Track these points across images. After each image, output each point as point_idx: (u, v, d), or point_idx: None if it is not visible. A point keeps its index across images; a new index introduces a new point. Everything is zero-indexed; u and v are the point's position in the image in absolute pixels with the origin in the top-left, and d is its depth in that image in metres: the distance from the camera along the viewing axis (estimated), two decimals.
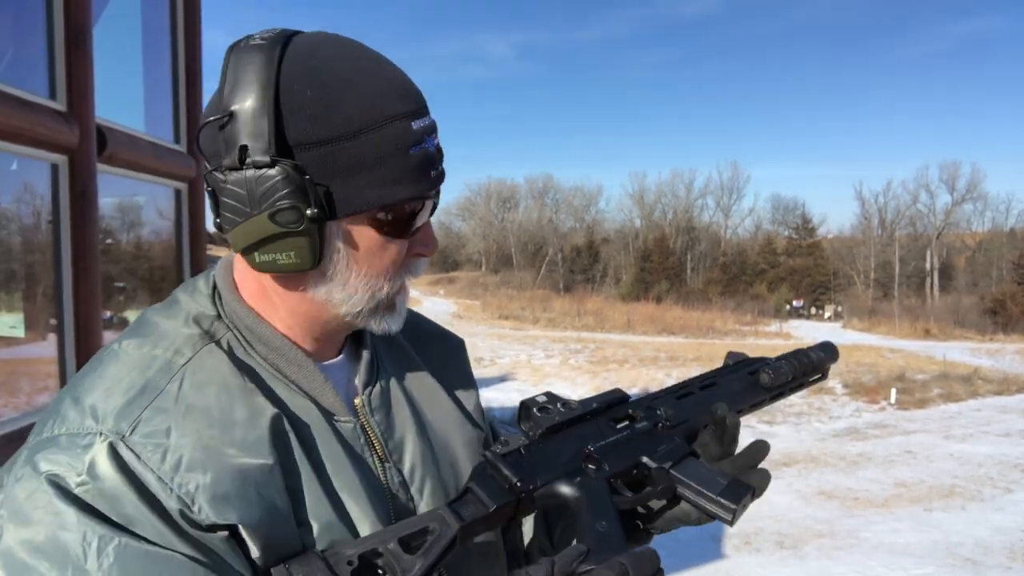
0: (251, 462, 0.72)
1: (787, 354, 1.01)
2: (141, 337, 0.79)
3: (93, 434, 0.70)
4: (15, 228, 3.70)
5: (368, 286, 0.80)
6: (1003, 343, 28.67)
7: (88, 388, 0.74)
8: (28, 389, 3.73)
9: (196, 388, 0.74)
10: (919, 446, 10.58)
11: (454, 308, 40.04)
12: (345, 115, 0.73)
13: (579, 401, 0.84)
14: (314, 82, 0.73)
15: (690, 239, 60.65)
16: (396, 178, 0.75)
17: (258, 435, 0.74)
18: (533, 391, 10.52)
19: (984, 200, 58.71)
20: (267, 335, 0.82)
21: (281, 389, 0.80)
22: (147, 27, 4.98)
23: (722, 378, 0.96)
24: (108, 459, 0.68)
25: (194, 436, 0.71)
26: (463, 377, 1.04)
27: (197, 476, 0.69)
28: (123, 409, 0.71)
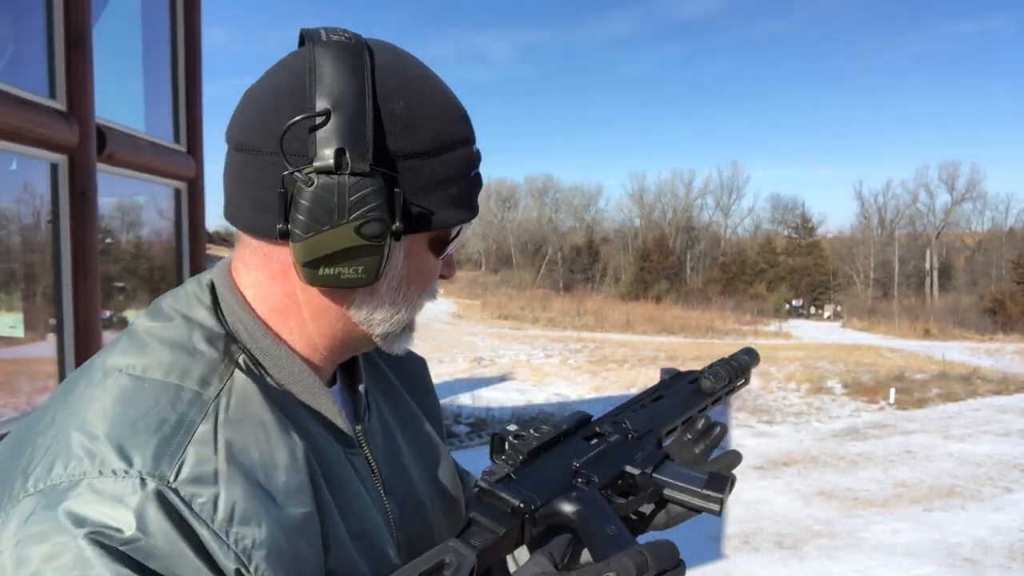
0: (297, 511, 0.66)
1: (718, 361, 1.07)
2: (146, 358, 0.69)
3: (132, 478, 0.59)
4: (15, 228, 3.70)
5: (412, 306, 0.78)
6: (1002, 343, 28.68)
7: (102, 421, 0.63)
8: (28, 389, 3.73)
9: (233, 426, 0.66)
10: (918, 446, 10.59)
11: (454, 308, 40.02)
12: (433, 131, 0.72)
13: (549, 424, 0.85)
14: (406, 93, 0.71)
15: (690, 239, 60.65)
16: (461, 199, 0.75)
17: (300, 480, 0.68)
18: (533, 391, 10.57)
19: (983, 200, 58.78)
20: (283, 358, 0.75)
21: (306, 419, 0.74)
22: (147, 27, 4.98)
23: (666, 390, 1.01)
24: (158, 509, 0.58)
25: (243, 482, 0.63)
26: (434, 401, 1.03)
27: (253, 530, 0.61)
28: (160, 448, 0.61)
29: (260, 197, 0.70)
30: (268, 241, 0.73)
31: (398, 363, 0.99)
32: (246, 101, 0.73)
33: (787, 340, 28.58)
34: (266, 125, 0.69)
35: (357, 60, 0.68)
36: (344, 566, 0.70)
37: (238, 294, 0.76)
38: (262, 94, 0.72)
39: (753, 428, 11.68)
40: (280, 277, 0.74)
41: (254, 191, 0.71)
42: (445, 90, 0.76)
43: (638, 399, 0.99)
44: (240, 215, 0.73)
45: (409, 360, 1.02)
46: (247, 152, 0.71)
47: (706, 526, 7.07)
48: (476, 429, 10.80)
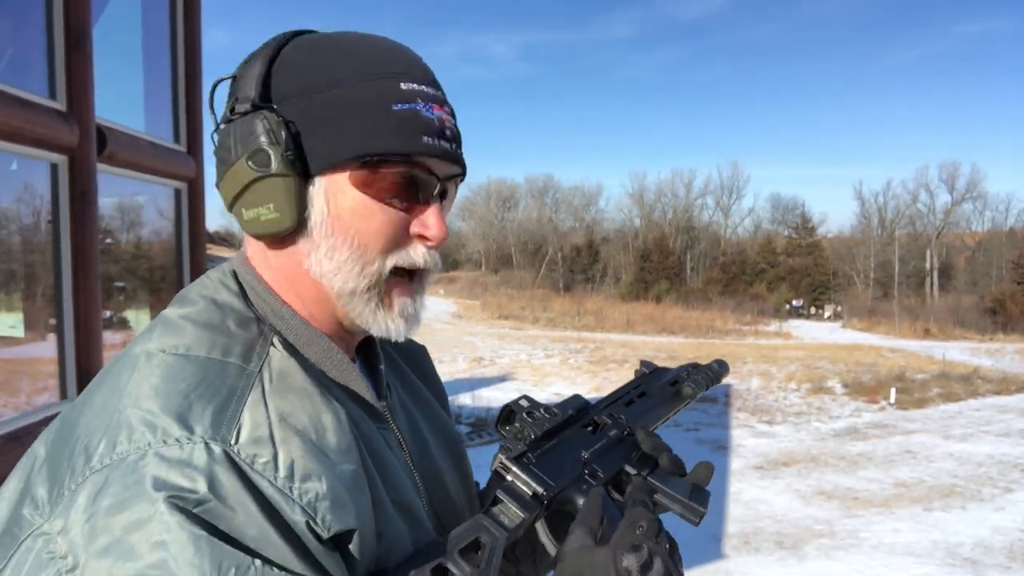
0: (350, 467, 0.68)
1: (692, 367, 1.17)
2: (185, 339, 0.71)
3: (197, 443, 0.61)
4: (15, 228, 3.70)
5: (356, 257, 0.75)
6: (1003, 343, 28.67)
7: (156, 397, 0.64)
8: (28, 389, 3.73)
9: (279, 395, 0.68)
10: (919, 446, 10.59)
11: (454, 308, 40.02)
12: (327, 71, 0.75)
13: (555, 406, 0.91)
14: (310, 49, 0.77)
15: (690, 239, 60.65)
16: (374, 132, 0.73)
17: (348, 441, 0.70)
18: (533, 391, 10.56)
19: (984, 200, 58.77)
20: (311, 336, 0.78)
21: (339, 395, 0.76)
22: (147, 27, 4.98)
23: (649, 386, 1.09)
24: (228, 470, 0.60)
25: (297, 443, 0.65)
26: (437, 384, 1.05)
27: (314, 484, 0.63)
28: (218, 416, 0.64)
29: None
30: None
31: (405, 351, 1.01)
32: None
33: (787, 340, 28.57)
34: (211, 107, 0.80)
35: (279, 37, 0.79)
36: (391, 528, 0.73)
37: (259, 277, 0.80)
38: None
39: (753, 428, 11.68)
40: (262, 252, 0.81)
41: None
42: (375, 41, 0.79)
43: (624, 391, 1.06)
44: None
45: (415, 350, 1.05)
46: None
47: (706, 526, 7.06)
48: (476, 429, 10.80)
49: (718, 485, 8.33)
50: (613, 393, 1.05)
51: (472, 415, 11.47)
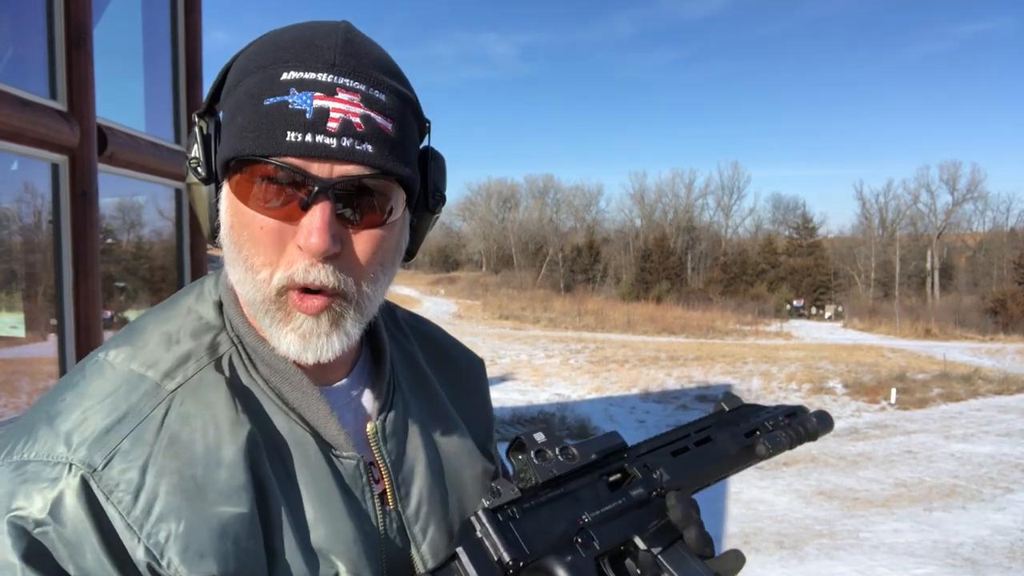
0: (231, 511, 0.64)
1: (786, 420, 0.97)
2: (130, 347, 0.71)
3: (63, 464, 0.62)
4: (16, 228, 3.71)
5: (247, 265, 0.68)
6: (1004, 343, 28.65)
7: (66, 407, 0.66)
8: (28, 389, 3.73)
9: (183, 419, 0.66)
10: (919, 446, 10.58)
11: (455, 308, 40.01)
12: (240, 69, 0.70)
13: (577, 445, 0.79)
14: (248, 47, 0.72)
15: (690, 239, 60.60)
16: (240, 132, 0.66)
17: (243, 479, 0.66)
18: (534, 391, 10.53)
19: (985, 200, 58.65)
20: (269, 355, 0.73)
21: (280, 419, 0.72)
22: (147, 27, 4.99)
23: (718, 431, 0.92)
24: (77, 496, 0.61)
25: (173, 477, 0.63)
26: (480, 402, 0.96)
27: (170, 524, 0.62)
28: (100, 437, 0.63)
29: None
30: None
31: (441, 360, 0.94)
32: None
33: (788, 340, 28.56)
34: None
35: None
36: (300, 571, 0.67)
37: (231, 290, 0.76)
38: None
39: None
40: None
41: None
42: (290, 28, 0.71)
43: (685, 431, 0.90)
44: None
45: (463, 359, 0.98)
46: None
47: (707, 526, 7.06)
48: None
49: (718, 485, 8.32)
50: (668, 433, 0.89)
51: None
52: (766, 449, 0.91)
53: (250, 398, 0.71)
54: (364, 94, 0.66)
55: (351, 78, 0.66)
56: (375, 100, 0.67)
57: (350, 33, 0.70)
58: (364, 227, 0.68)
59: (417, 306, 38.00)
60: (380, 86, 0.68)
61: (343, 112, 0.64)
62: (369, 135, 0.65)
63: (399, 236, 0.74)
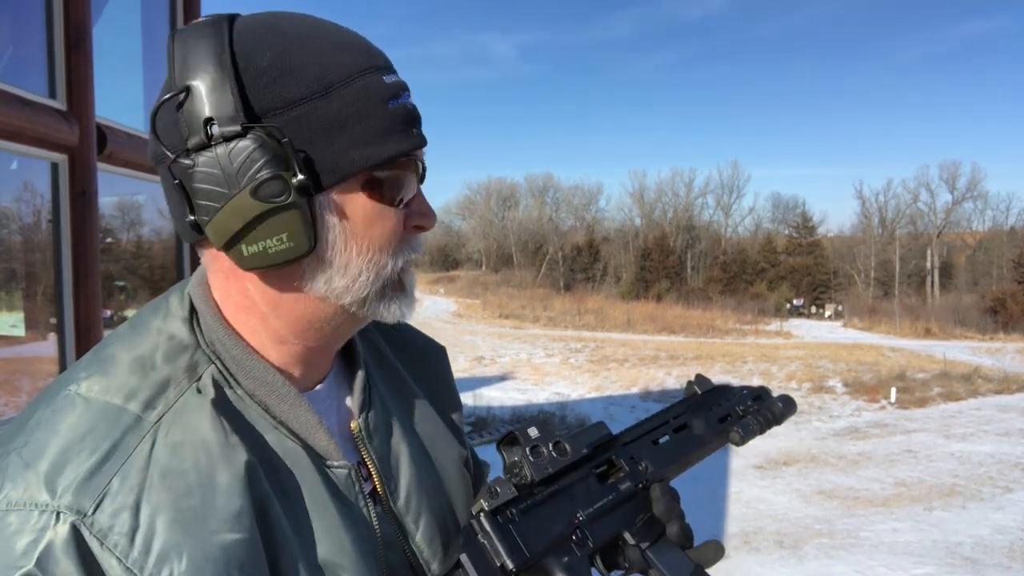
0: (233, 537, 0.62)
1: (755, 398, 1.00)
2: (103, 377, 0.66)
3: (49, 512, 0.58)
4: (15, 227, 3.70)
5: (372, 264, 0.70)
6: (1003, 342, 28.67)
7: (41, 448, 0.61)
8: (28, 388, 3.73)
9: (171, 450, 0.63)
10: (919, 445, 10.58)
11: (454, 307, 40.01)
12: (311, 73, 0.66)
13: (568, 439, 0.80)
14: (272, 44, 0.66)
15: (690, 238, 60.62)
16: (380, 134, 0.67)
17: (241, 503, 0.63)
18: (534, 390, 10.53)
19: (984, 199, 58.84)
20: (255, 368, 0.71)
21: (270, 435, 0.70)
22: (147, 27, 4.98)
23: (694, 417, 0.94)
24: (67, 548, 0.57)
25: (169, 511, 0.60)
26: (447, 389, 0.97)
27: (172, 563, 0.59)
28: (85, 481, 0.59)
29: (173, 202, 0.68)
30: (205, 244, 0.71)
31: (407, 352, 0.94)
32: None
33: (788, 339, 28.57)
34: (153, 131, 0.67)
35: (211, 31, 0.64)
36: None
37: (212, 303, 0.73)
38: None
39: None
40: (232, 276, 0.71)
41: (171, 199, 0.68)
42: (331, 29, 0.70)
43: (662, 419, 0.93)
44: (178, 228, 0.71)
45: (427, 349, 0.98)
46: (156, 166, 0.69)
47: (706, 526, 7.06)
48: (477, 428, 10.81)
49: (719, 485, 8.33)
50: (648, 421, 0.91)
51: (472, 414, 11.47)
52: (739, 436, 0.94)
53: (237, 417, 0.69)
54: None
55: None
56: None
57: None
58: None
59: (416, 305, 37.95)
60: None
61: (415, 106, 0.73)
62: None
63: None
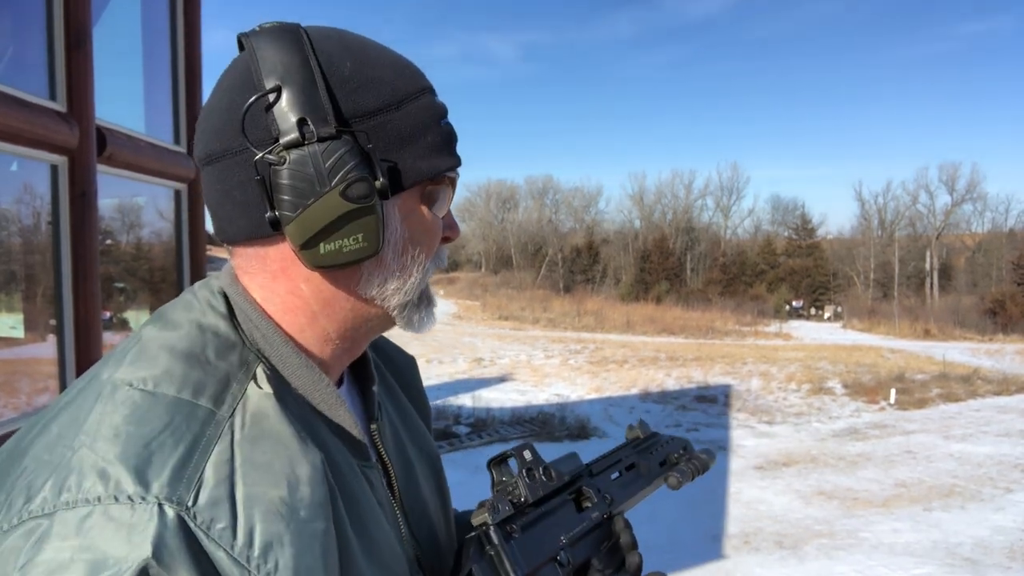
0: (323, 526, 0.62)
1: (684, 448, 1.10)
2: (163, 374, 0.64)
3: (149, 503, 0.55)
4: (15, 229, 3.71)
5: (422, 268, 0.75)
6: (1003, 343, 28.67)
7: (115, 441, 0.58)
8: (28, 390, 3.73)
9: (252, 443, 0.62)
10: (919, 446, 10.59)
11: (454, 308, 40.01)
12: (388, 85, 0.71)
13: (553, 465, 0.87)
14: (350, 55, 0.70)
15: (690, 240, 60.63)
16: (437, 149, 0.73)
17: (322, 494, 0.64)
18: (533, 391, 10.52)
19: (984, 201, 58.83)
20: (302, 367, 0.72)
21: (322, 431, 0.71)
22: (147, 27, 4.99)
23: (641, 459, 1.03)
24: (177, 538, 0.55)
25: (263, 501, 0.59)
26: (422, 398, 1.01)
27: (276, 553, 0.58)
28: (178, 472, 0.58)
29: (242, 198, 0.69)
30: (262, 242, 0.71)
31: (391, 362, 0.98)
32: (202, 116, 0.72)
33: (787, 341, 28.57)
34: (226, 126, 0.68)
35: (294, 36, 0.68)
36: None
37: (251, 300, 0.73)
38: (215, 101, 0.71)
39: (753, 428, 11.68)
40: (281, 275, 0.72)
41: (236, 195, 0.69)
42: (388, 49, 0.76)
43: (615, 459, 1.01)
44: (230, 227, 0.71)
45: (400, 358, 1.01)
46: (217, 161, 0.70)
47: (706, 526, 7.07)
48: (476, 430, 10.80)
49: (718, 485, 8.34)
50: (606, 457, 1.00)
51: (472, 416, 11.47)
52: (676, 480, 1.01)
53: (298, 412, 0.69)
54: None
55: None
56: None
57: None
58: None
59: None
60: None
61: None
62: None
63: None
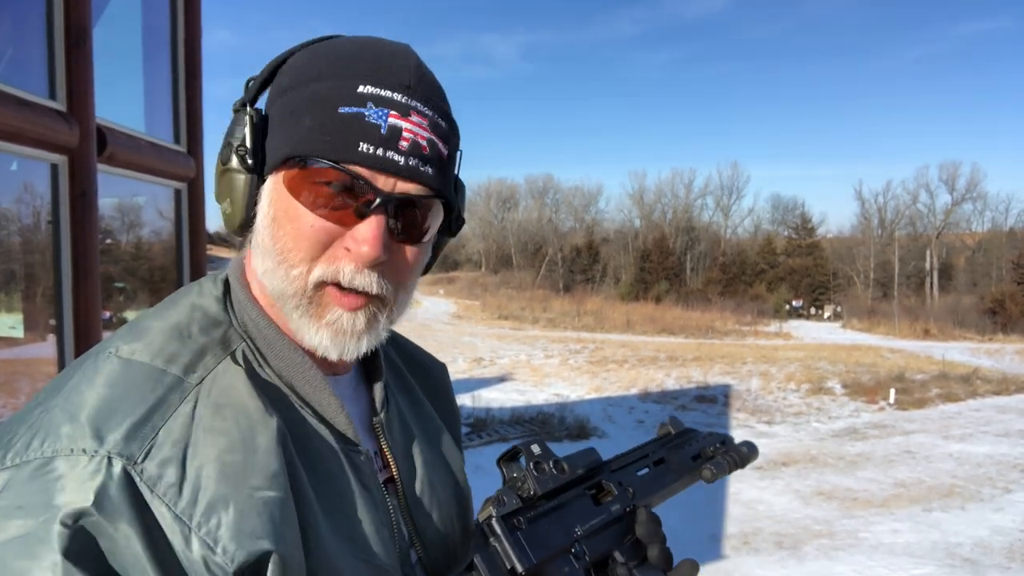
0: (273, 495, 0.64)
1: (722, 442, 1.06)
2: (142, 343, 0.69)
3: (100, 456, 0.60)
4: (15, 228, 3.70)
5: (281, 258, 0.71)
6: (1002, 343, 28.67)
7: (85, 401, 0.64)
8: (28, 389, 3.73)
9: (214, 410, 0.66)
10: (918, 446, 10.59)
11: (454, 308, 40.00)
12: (306, 70, 0.73)
13: (565, 460, 0.85)
14: (313, 50, 0.75)
15: (690, 239, 60.62)
16: (311, 133, 0.69)
17: (278, 466, 0.66)
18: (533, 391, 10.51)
19: (984, 200, 58.72)
20: (284, 348, 0.75)
21: (295, 413, 0.73)
22: (147, 27, 4.99)
23: (671, 454, 1.00)
24: (120, 488, 0.59)
25: (215, 465, 0.63)
26: (450, 404, 1.02)
27: (220, 513, 0.61)
28: (133, 431, 0.62)
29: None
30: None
31: (421, 368, 1.00)
32: None
33: (787, 340, 28.57)
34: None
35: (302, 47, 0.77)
36: (324, 565, 0.67)
37: (245, 284, 0.78)
38: None
39: (753, 428, 11.68)
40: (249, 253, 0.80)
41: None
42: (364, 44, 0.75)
43: (643, 453, 0.98)
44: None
45: (431, 366, 1.03)
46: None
47: (706, 526, 7.07)
48: (476, 429, 10.80)
49: (718, 485, 8.34)
50: (630, 452, 0.97)
51: (471, 415, 11.47)
52: (711, 473, 0.99)
53: (270, 390, 0.72)
54: (431, 120, 0.72)
55: (422, 103, 0.72)
56: (439, 127, 0.73)
57: (419, 59, 0.76)
58: (406, 241, 0.74)
59: (416, 306, 38.00)
60: (442, 114, 0.74)
61: (413, 134, 0.70)
62: (432, 159, 0.72)
63: (427, 252, 0.80)
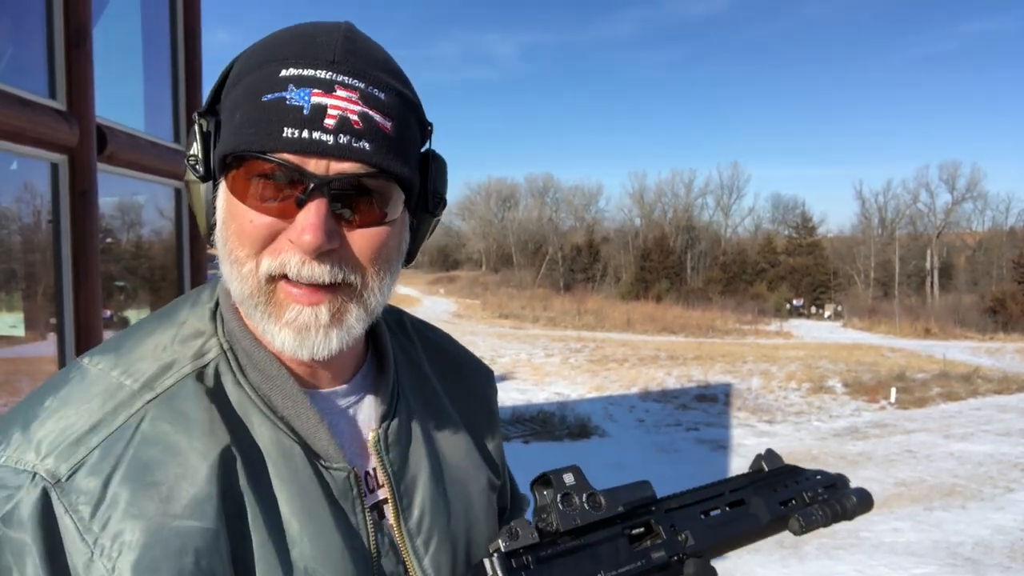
0: (195, 525, 0.62)
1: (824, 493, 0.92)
2: (115, 355, 0.70)
3: (28, 472, 0.62)
4: (15, 228, 3.70)
5: (232, 258, 0.69)
6: (1003, 342, 28.65)
7: (43, 412, 0.66)
8: (28, 389, 3.72)
9: (154, 431, 0.65)
10: (919, 445, 10.58)
11: (454, 307, 40.00)
12: (237, 70, 0.70)
13: (604, 493, 0.75)
14: (247, 49, 0.72)
15: (690, 238, 60.59)
16: (237, 128, 0.66)
17: (210, 492, 0.64)
18: (533, 390, 10.49)
19: (984, 199, 58.74)
20: (262, 361, 0.72)
21: (266, 429, 0.70)
22: (147, 27, 4.98)
23: (754, 494, 0.87)
24: (33, 510, 0.61)
25: (135, 489, 0.62)
26: (487, 415, 0.94)
27: (124, 537, 0.61)
28: (70, 447, 0.63)
29: None
30: None
31: (449, 371, 0.92)
32: None
33: (788, 340, 28.55)
34: None
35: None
36: None
37: (227, 293, 0.75)
38: None
39: (754, 427, 11.67)
40: None
41: None
42: (293, 29, 0.71)
43: (718, 490, 0.86)
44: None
45: (471, 370, 0.96)
46: None
47: None
48: None
49: None
50: (702, 489, 0.84)
51: None
52: (799, 526, 0.86)
53: (231, 408, 0.70)
54: (363, 92, 0.65)
55: (350, 75, 0.65)
56: (374, 98, 0.66)
57: (351, 32, 0.70)
58: (361, 225, 0.67)
59: (416, 305, 37.99)
60: (380, 85, 0.67)
61: (341, 109, 0.64)
62: (367, 133, 0.65)
63: (399, 237, 0.73)
